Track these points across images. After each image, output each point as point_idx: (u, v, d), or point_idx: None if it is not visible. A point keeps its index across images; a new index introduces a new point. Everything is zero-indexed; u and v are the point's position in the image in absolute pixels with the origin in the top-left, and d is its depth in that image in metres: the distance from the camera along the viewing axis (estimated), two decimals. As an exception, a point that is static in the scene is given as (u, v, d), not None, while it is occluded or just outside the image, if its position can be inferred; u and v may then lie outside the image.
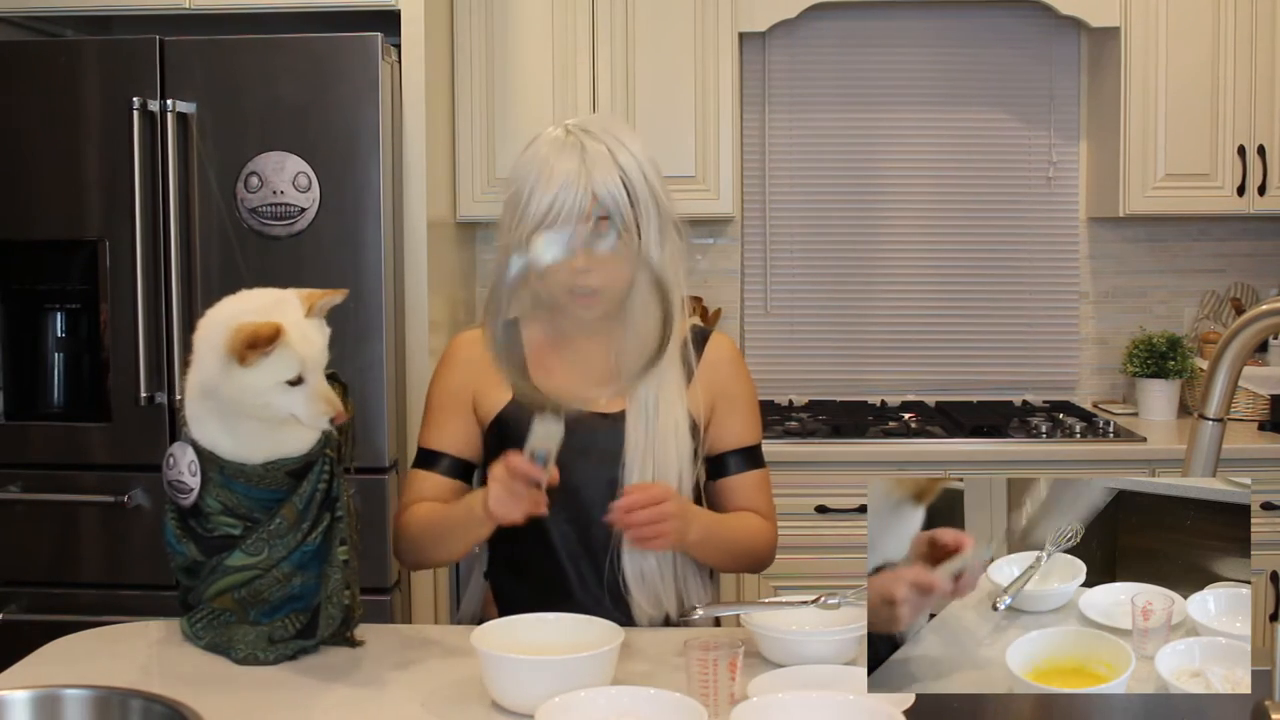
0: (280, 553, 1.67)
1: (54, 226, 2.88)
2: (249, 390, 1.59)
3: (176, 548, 1.71)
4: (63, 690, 1.42)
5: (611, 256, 1.79)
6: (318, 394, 1.61)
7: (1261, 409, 3.37)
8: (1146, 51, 3.36)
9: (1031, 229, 3.75)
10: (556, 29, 3.34)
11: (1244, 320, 1.33)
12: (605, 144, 1.79)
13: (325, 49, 2.83)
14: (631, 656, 1.63)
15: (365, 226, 2.82)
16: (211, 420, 1.66)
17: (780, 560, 3.09)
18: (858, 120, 3.74)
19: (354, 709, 1.52)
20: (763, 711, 1.33)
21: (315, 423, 1.61)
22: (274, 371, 1.58)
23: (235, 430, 1.65)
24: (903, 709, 1.31)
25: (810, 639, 1.60)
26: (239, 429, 1.65)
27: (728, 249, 3.76)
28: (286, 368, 1.58)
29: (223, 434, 1.66)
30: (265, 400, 1.60)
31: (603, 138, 1.80)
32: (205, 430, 1.67)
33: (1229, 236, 3.72)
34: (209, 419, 1.66)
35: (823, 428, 3.27)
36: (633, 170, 1.80)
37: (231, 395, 1.61)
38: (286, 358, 1.58)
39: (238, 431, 1.65)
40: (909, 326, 3.77)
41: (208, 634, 1.70)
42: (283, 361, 1.58)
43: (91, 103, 2.84)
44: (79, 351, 2.94)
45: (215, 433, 1.66)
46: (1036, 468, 3.11)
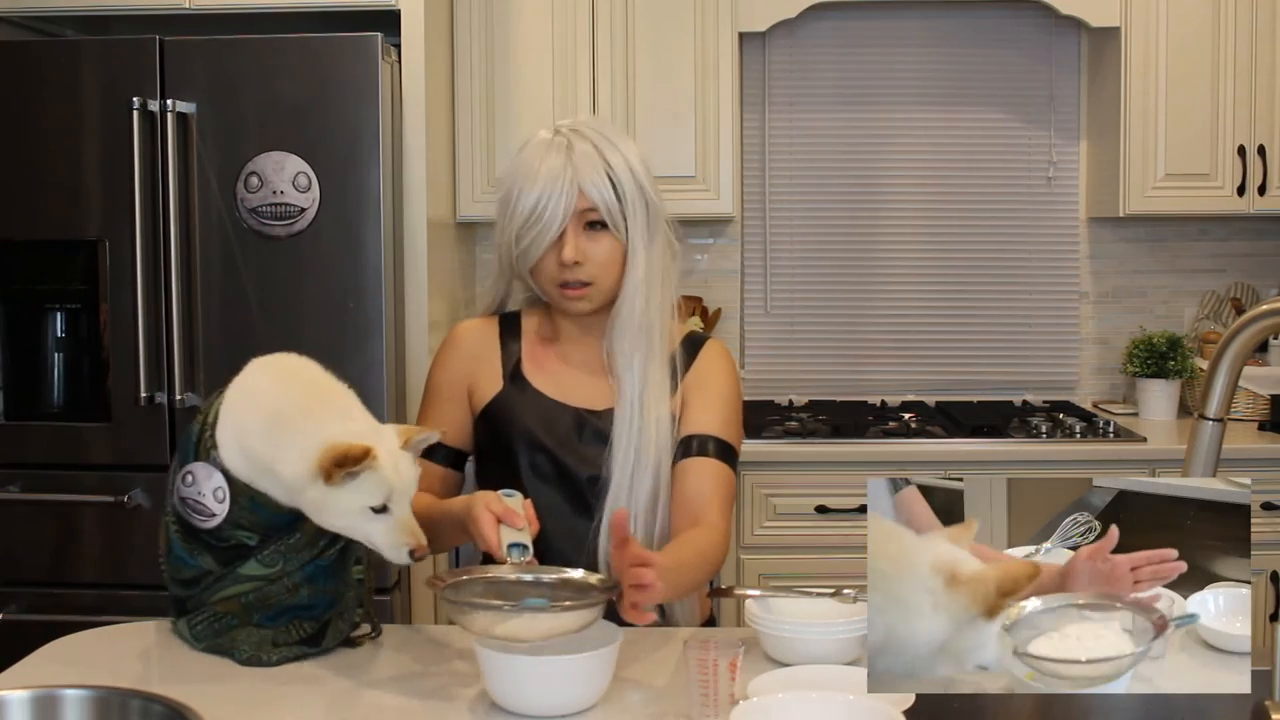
0: (294, 565, 1.67)
1: (54, 226, 2.88)
2: (331, 510, 1.56)
3: (189, 561, 1.67)
4: (62, 690, 1.42)
5: (599, 251, 1.82)
6: (402, 525, 1.57)
7: (1261, 409, 3.37)
8: (1146, 51, 3.36)
9: (1031, 229, 3.75)
10: (556, 29, 3.34)
11: (1244, 320, 1.33)
12: (593, 142, 1.82)
13: (325, 49, 2.83)
14: (632, 656, 1.63)
15: (365, 226, 2.82)
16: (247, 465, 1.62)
17: (780, 560, 3.13)
18: (858, 120, 3.74)
19: (354, 709, 1.52)
20: (763, 711, 1.33)
21: (395, 555, 1.57)
22: (361, 495, 1.55)
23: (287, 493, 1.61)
24: (903, 709, 1.31)
25: (813, 638, 1.60)
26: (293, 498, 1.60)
27: (728, 249, 3.75)
28: (373, 493, 1.55)
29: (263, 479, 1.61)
30: (347, 522, 1.57)
31: (591, 137, 1.83)
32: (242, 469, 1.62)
33: (1229, 236, 3.72)
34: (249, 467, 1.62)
35: (823, 428, 3.27)
36: (620, 167, 1.82)
37: (309, 503, 1.57)
38: (376, 482, 1.55)
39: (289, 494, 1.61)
40: (909, 326, 3.77)
41: (208, 637, 1.68)
42: (371, 485, 1.55)
43: (91, 103, 2.84)
44: (79, 351, 2.94)
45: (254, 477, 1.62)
46: (1036, 468, 3.12)
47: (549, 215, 1.79)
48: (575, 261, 1.81)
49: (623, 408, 1.85)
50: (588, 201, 1.80)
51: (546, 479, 1.86)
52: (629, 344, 1.84)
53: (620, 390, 1.85)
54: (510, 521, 1.63)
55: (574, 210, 1.80)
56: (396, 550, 1.57)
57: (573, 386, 1.91)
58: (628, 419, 1.84)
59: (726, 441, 1.88)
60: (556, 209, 1.79)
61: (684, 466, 1.85)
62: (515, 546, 1.60)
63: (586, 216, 1.81)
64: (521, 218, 1.81)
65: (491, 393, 1.91)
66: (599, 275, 1.83)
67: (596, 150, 1.82)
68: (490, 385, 1.92)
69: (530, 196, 1.80)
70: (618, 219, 1.82)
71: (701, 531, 1.78)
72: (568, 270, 1.82)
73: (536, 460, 1.87)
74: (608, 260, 1.83)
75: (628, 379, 1.84)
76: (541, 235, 1.81)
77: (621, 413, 1.84)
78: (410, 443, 1.62)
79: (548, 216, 1.79)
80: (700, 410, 1.88)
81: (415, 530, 1.58)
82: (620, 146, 1.84)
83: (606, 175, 1.81)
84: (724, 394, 1.91)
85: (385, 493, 1.56)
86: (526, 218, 1.80)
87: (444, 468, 1.94)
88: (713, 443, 1.86)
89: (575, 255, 1.81)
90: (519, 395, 1.90)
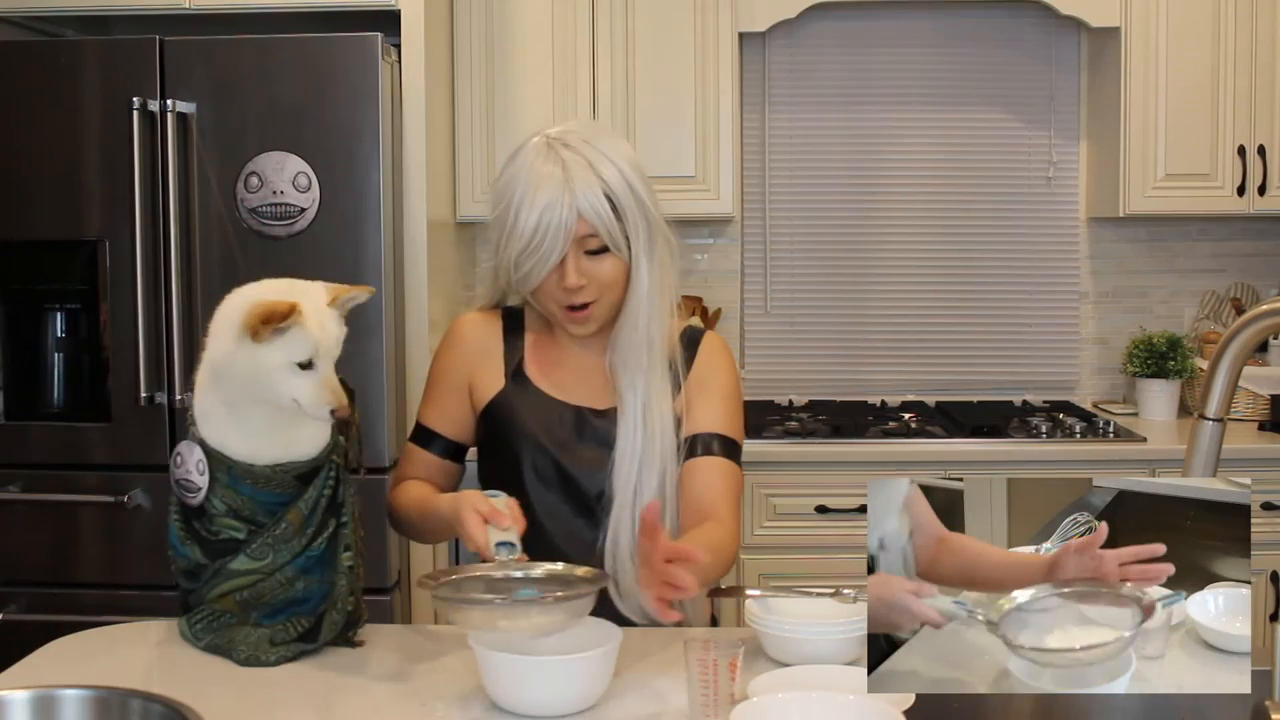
0: (285, 557, 1.67)
1: (54, 226, 2.88)
2: (259, 367, 1.58)
3: (180, 550, 1.71)
4: (62, 690, 1.41)
5: (601, 272, 1.79)
6: (324, 383, 1.60)
7: (1261, 409, 3.37)
8: (1146, 51, 3.36)
9: (1031, 229, 3.75)
10: (556, 29, 3.34)
11: (1244, 320, 1.33)
12: (586, 157, 1.76)
13: (325, 49, 2.83)
14: (631, 656, 1.63)
15: (365, 226, 2.82)
16: (219, 411, 1.65)
17: (780, 560, 3.13)
18: (858, 120, 3.74)
19: (354, 709, 1.52)
20: (763, 711, 1.33)
21: (317, 411, 1.60)
22: (286, 351, 1.58)
23: (244, 421, 1.65)
24: (903, 709, 1.30)
25: (813, 638, 1.60)
26: (247, 420, 1.64)
27: (728, 249, 3.75)
28: (298, 349, 1.58)
29: (232, 429, 1.65)
30: (272, 381, 1.59)
31: (583, 151, 1.77)
32: (214, 427, 1.66)
33: (1229, 236, 3.72)
34: (218, 412, 1.66)
35: (823, 428, 3.27)
36: (616, 183, 1.77)
37: (240, 371, 1.60)
38: (300, 338, 1.58)
39: (246, 422, 1.65)
40: (909, 326, 3.77)
41: (207, 635, 1.69)
42: (295, 342, 1.58)
43: (91, 103, 2.84)
44: (79, 351, 2.94)
45: (224, 428, 1.65)
46: (1036, 468, 3.11)
47: (548, 244, 1.75)
48: (579, 286, 1.78)
49: (626, 423, 1.83)
50: (588, 227, 1.76)
51: (548, 481, 1.86)
52: (632, 358, 1.83)
53: (623, 405, 1.84)
54: (496, 521, 1.63)
55: (574, 237, 1.76)
56: (318, 408, 1.59)
57: (575, 384, 1.90)
58: (631, 433, 1.82)
59: (731, 438, 1.88)
60: (556, 238, 1.74)
61: (691, 467, 1.85)
62: (504, 545, 1.61)
63: (587, 244, 1.77)
64: (520, 244, 1.76)
65: (493, 390, 1.91)
66: (603, 294, 1.81)
67: (590, 167, 1.76)
68: (492, 382, 1.91)
69: (527, 221, 1.75)
70: (619, 240, 1.78)
71: (713, 527, 1.78)
72: (570, 295, 1.79)
73: (538, 462, 1.86)
74: (611, 280, 1.80)
75: (630, 396, 1.83)
76: (542, 263, 1.76)
77: (625, 428, 1.83)
78: (338, 300, 1.64)
79: (546, 245, 1.75)
80: (704, 409, 1.88)
81: (337, 389, 1.61)
82: (612, 156, 1.78)
83: (604, 194, 1.75)
84: (726, 390, 1.91)
85: (310, 349, 1.58)
86: (525, 245, 1.76)
87: (442, 459, 1.94)
88: (717, 441, 1.86)
89: (578, 280, 1.77)
90: (521, 394, 1.89)
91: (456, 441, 1.95)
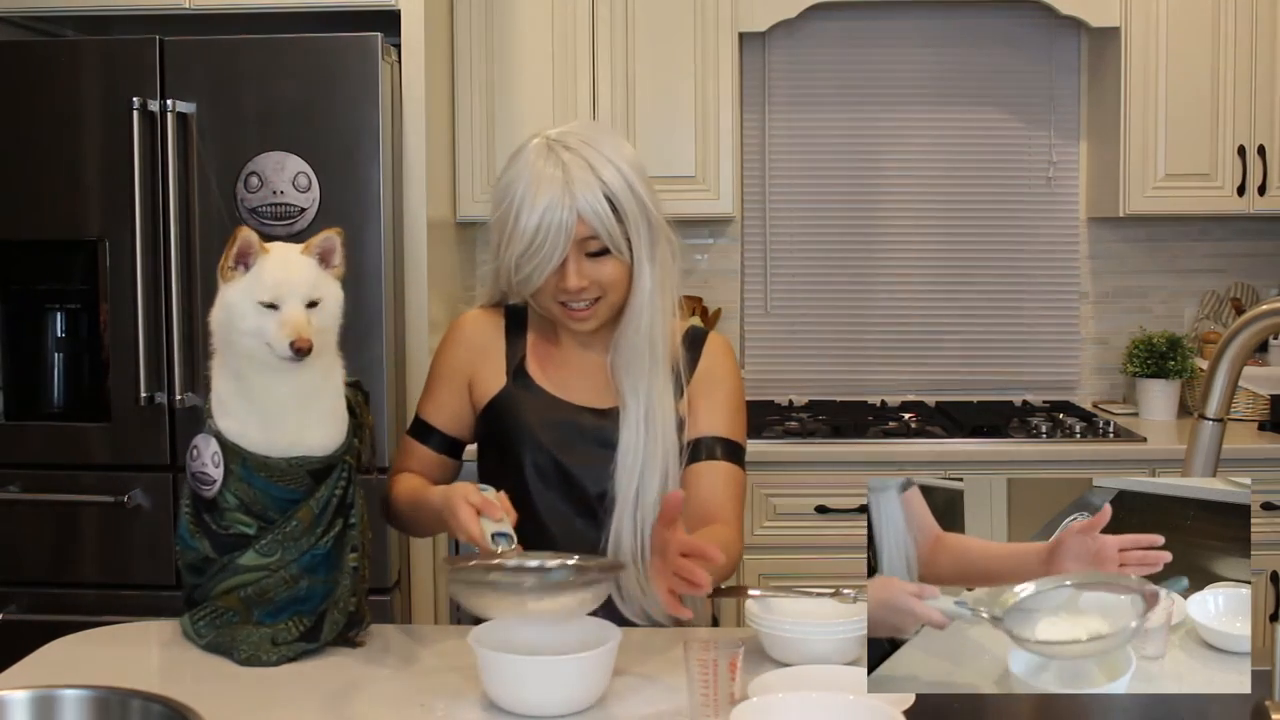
0: (293, 555, 1.68)
1: (54, 226, 2.88)
2: (231, 311, 1.63)
3: (189, 542, 1.71)
4: (62, 690, 1.42)
5: (603, 273, 1.79)
6: (287, 320, 1.62)
7: (1261, 409, 3.37)
8: (1146, 51, 3.36)
9: (1031, 229, 3.75)
10: (556, 29, 3.34)
11: (1244, 320, 1.33)
12: (586, 159, 1.76)
13: (325, 49, 2.83)
14: (631, 656, 1.63)
15: (365, 226, 2.82)
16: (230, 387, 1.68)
17: (780, 560, 3.13)
18: (858, 120, 3.74)
19: (354, 709, 1.52)
20: (763, 711, 1.33)
21: (280, 348, 1.61)
22: (250, 289, 1.62)
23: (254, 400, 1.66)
24: (903, 709, 1.30)
25: (813, 638, 1.60)
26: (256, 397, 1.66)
27: (728, 249, 3.76)
28: (262, 288, 1.62)
29: (246, 414, 1.67)
30: (243, 324, 1.62)
31: (583, 152, 1.76)
32: (231, 416, 1.68)
33: (1229, 236, 3.72)
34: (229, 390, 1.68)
35: (823, 428, 3.27)
36: (617, 185, 1.76)
37: (219, 321, 1.66)
38: (261, 276, 1.63)
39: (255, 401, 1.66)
40: (909, 326, 3.77)
41: (209, 633, 1.69)
42: (258, 281, 1.62)
43: (91, 103, 2.85)
44: (79, 351, 2.94)
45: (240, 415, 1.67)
46: (1036, 468, 3.11)
47: (548, 247, 1.74)
48: (580, 288, 1.78)
49: (628, 425, 1.83)
50: (588, 230, 1.75)
51: (549, 481, 1.86)
52: (634, 360, 1.82)
53: (625, 406, 1.84)
54: (489, 513, 1.63)
55: (574, 239, 1.75)
56: (281, 344, 1.62)
57: (577, 384, 1.90)
58: (634, 435, 1.82)
59: (734, 442, 1.88)
60: (556, 240, 1.74)
61: (694, 470, 1.85)
62: (501, 536, 1.61)
63: (588, 246, 1.77)
64: (520, 246, 1.76)
65: (495, 388, 1.91)
66: (605, 292, 1.81)
67: (590, 168, 1.75)
68: (493, 380, 1.91)
69: (528, 224, 1.74)
70: (620, 242, 1.78)
71: (719, 528, 1.78)
72: (572, 296, 1.79)
73: (539, 461, 1.86)
74: (612, 281, 1.80)
75: (633, 398, 1.83)
76: (542, 265, 1.76)
77: (627, 429, 1.83)
78: (310, 245, 1.68)
79: (547, 248, 1.74)
80: (707, 412, 1.88)
81: (300, 326, 1.63)
82: (613, 156, 1.78)
83: (604, 196, 1.75)
84: (730, 393, 1.91)
85: (273, 288, 1.62)
86: (525, 248, 1.75)
87: (439, 454, 1.94)
88: (720, 445, 1.86)
89: (579, 282, 1.77)
90: (522, 393, 1.89)
91: (454, 437, 1.95)
